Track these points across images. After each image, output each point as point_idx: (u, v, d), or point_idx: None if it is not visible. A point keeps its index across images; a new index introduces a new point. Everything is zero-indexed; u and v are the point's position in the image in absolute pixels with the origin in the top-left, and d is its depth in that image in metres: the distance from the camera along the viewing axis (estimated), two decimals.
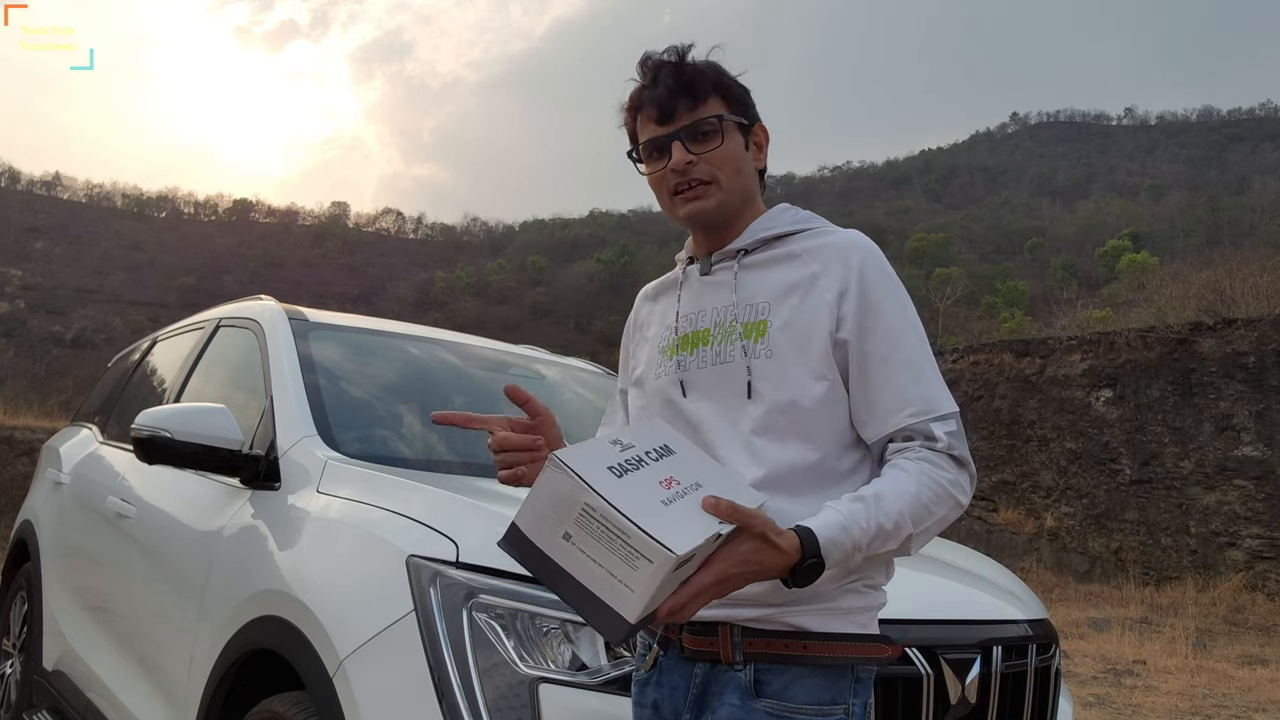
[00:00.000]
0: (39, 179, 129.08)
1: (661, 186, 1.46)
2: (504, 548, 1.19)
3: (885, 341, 1.36)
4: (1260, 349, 10.22)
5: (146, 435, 2.53)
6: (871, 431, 1.38)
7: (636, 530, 1.12)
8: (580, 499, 1.14)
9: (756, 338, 1.38)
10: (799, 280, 1.40)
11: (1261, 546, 9.90)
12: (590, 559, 1.14)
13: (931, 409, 1.35)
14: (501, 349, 3.76)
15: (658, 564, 1.12)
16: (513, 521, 1.18)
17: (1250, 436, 10.14)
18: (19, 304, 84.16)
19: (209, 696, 2.27)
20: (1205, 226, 73.64)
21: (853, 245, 1.41)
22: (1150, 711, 5.75)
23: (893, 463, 1.35)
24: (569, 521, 1.15)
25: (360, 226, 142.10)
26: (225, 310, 3.69)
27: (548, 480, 1.16)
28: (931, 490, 1.31)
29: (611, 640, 1.17)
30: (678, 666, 1.40)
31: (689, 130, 1.42)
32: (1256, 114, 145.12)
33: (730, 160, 1.44)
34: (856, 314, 1.36)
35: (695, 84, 1.42)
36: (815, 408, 1.36)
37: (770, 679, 1.32)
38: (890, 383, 1.35)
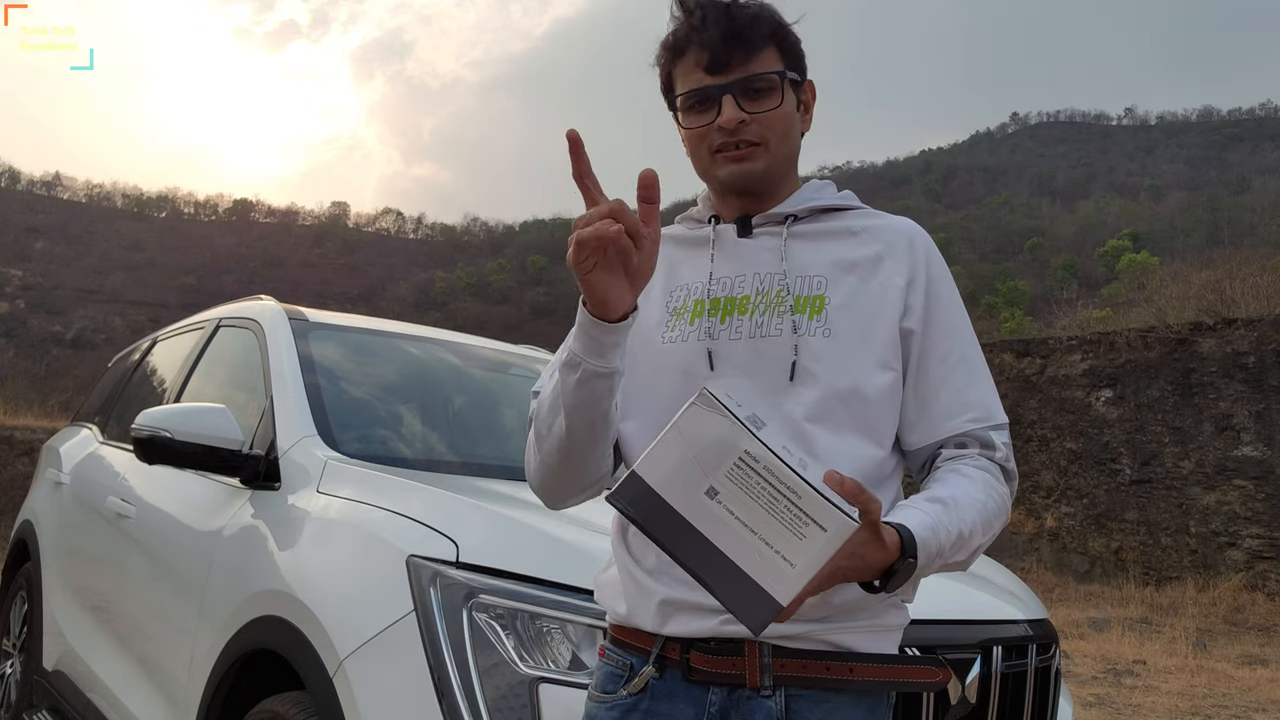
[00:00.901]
0: (39, 179, 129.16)
1: (701, 143, 1.29)
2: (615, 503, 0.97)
3: (947, 338, 1.27)
4: (1260, 349, 10.22)
5: (146, 435, 2.53)
6: (923, 433, 1.27)
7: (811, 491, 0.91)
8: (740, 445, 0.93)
9: (812, 314, 1.23)
10: (860, 259, 1.27)
11: (1261, 546, 9.90)
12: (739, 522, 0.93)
13: (991, 416, 1.27)
14: (501, 349, 3.76)
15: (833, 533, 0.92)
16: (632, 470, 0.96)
17: (1250, 436, 10.14)
18: (19, 304, 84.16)
19: (209, 696, 2.27)
20: (1205, 226, 73.62)
21: (918, 233, 1.32)
22: (1150, 711, 5.75)
23: (954, 469, 1.24)
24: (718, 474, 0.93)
25: (360, 226, 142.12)
26: (225, 310, 3.69)
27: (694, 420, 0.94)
28: (996, 502, 1.22)
29: (753, 628, 0.96)
30: (681, 692, 1.18)
31: (743, 85, 1.25)
32: (1256, 114, 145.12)
33: (783, 122, 1.28)
34: (924, 305, 1.26)
35: (753, 31, 1.26)
36: (879, 399, 1.23)
37: (804, 708, 1.15)
38: (949, 383, 1.26)
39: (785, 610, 0.95)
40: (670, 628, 1.19)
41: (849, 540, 0.96)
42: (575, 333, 1.16)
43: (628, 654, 1.24)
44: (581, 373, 1.15)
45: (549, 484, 1.30)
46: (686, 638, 1.18)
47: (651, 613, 1.20)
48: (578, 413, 1.19)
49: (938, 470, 1.26)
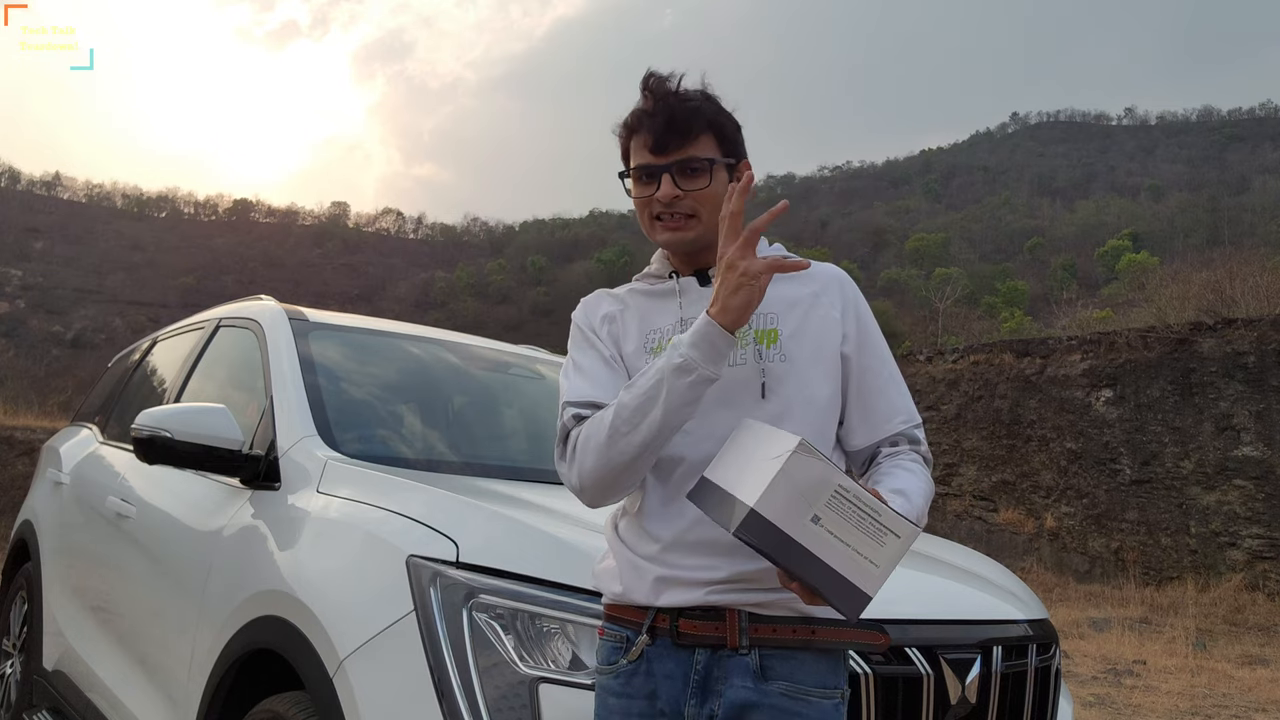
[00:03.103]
0: (39, 179, 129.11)
1: (645, 210, 1.55)
2: (741, 536, 1.24)
3: (875, 358, 1.58)
4: (1260, 349, 10.22)
5: (147, 435, 2.53)
6: (865, 436, 1.57)
7: (887, 509, 1.22)
8: (834, 481, 1.23)
9: (769, 343, 1.50)
10: (801, 297, 1.55)
11: (1261, 546, 9.90)
12: (836, 538, 1.22)
13: (915, 417, 1.60)
14: (501, 349, 3.76)
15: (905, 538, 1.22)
16: (751, 509, 1.23)
17: (1250, 436, 10.14)
18: (19, 304, 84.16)
19: (209, 696, 2.27)
20: (1205, 226, 73.59)
21: (843, 275, 1.62)
22: (1150, 711, 5.75)
23: (895, 463, 1.55)
24: (819, 504, 1.22)
25: (360, 226, 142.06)
26: (225, 310, 3.69)
27: (797, 465, 1.23)
28: (929, 487, 1.53)
29: (849, 614, 1.23)
30: (671, 655, 1.42)
31: (680, 165, 1.50)
32: (1256, 114, 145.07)
33: (714, 199, 1.52)
34: (856, 333, 1.56)
35: (691, 121, 1.50)
36: (827, 407, 1.52)
37: (775, 664, 1.40)
38: (884, 393, 1.57)
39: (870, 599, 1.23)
40: (663, 600, 1.43)
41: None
42: (696, 343, 1.38)
43: (623, 628, 1.48)
44: (696, 376, 1.39)
45: (609, 479, 1.48)
46: (676, 607, 1.42)
47: (646, 589, 1.45)
48: (679, 413, 1.41)
49: (880, 465, 1.56)
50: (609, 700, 1.46)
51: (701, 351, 1.39)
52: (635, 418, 1.42)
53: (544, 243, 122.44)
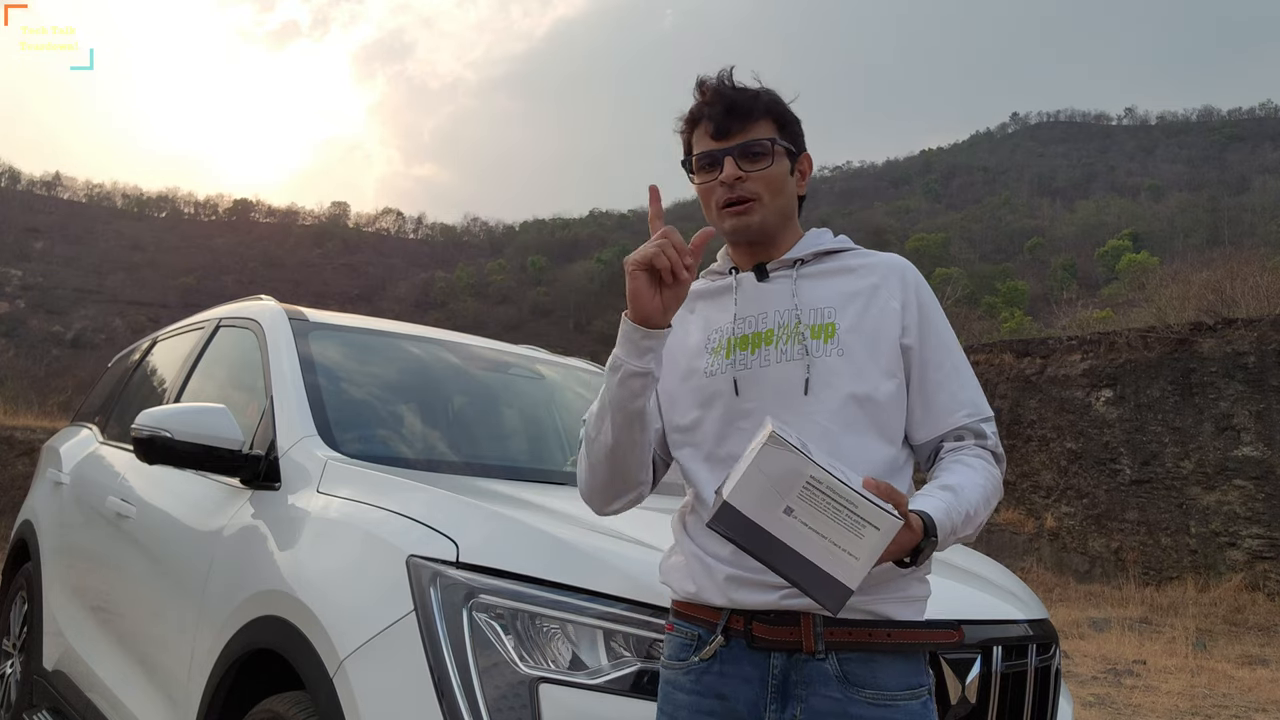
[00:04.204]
0: (39, 179, 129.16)
1: (710, 198, 1.55)
2: (714, 527, 1.23)
3: (939, 349, 1.54)
4: (1260, 349, 10.22)
5: (147, 435, 2.53)
6: (927, 430, 1.53)
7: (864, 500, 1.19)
8: (805, 473, 1.19)
9: (826, 338, 1.49)
10: (860, 289, 1.53)
11: (1261, 546, 9.90)
12: (812, 530, 1.19)
13: (981, 410, 1.54)
14: (501, 349, 3.75)
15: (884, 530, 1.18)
16: (724, 500, 1.22)
17: (1250, 436, 10.14)
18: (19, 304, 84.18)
19: (209, 696, 2.27)
20: (1205, 226, 73.61)
21: (906, 264, 1.59)
22: (1150, 711, 5.75)
23: (956, 458, 1.51)
24: (791, 495, 1.19)
25: (360, 226, 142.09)
26: (225, 310, 3.68)
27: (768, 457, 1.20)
28: (992, 484, 1.49)
29: (831, 608, 1.21)
30: (746, 657, 1.41)
31: (742, 148, 1.52)
32: (1256, 114, 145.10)
33: (775, 181, 1.54)
34: (918, 324, 1.53)
35: (752, 105, 1.53)
36: (888, 403, 1.49)
37: (856, 668, 1.39)
38: (945, 386, 1.53)
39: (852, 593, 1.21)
40: (737, 601, 1.42)
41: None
42: (619, 340, 1.45)
43: (694, 626, 1.47)
44: (622, 372, 1.43)
45: (596, 487, 1.56)
46: (750, 609, 1.41)
47: (718, 588, 1.44)
48: (619, 409, 1.45)
49: (942, 461, 1.52)
50: (676, 695, 1.46)
51: (623, 348, 1.44)
52: (597, 423, 1.50)
53: (544, 243, 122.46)
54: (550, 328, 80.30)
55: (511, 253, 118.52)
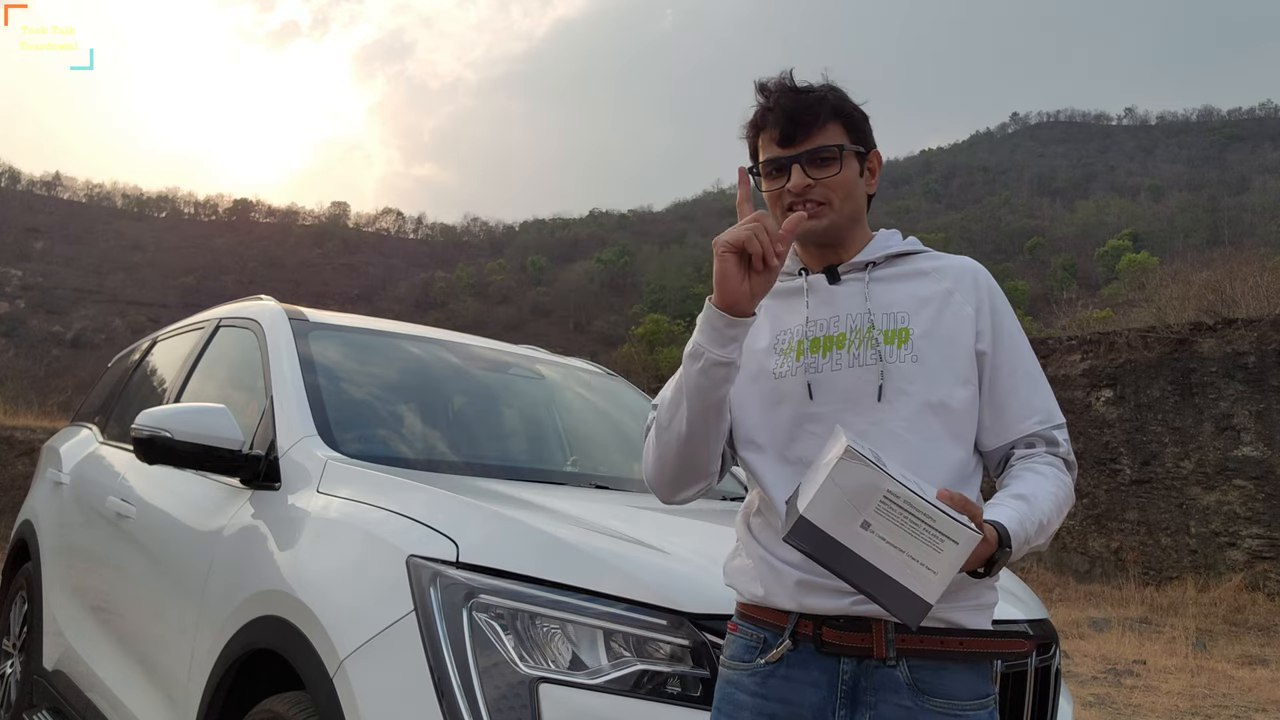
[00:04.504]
0: (39, 179, 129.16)
1: (777, 204, 1.53)
2: (791, 542, 1.23)
3: (1012, 355, 1.52)
4: (1260, 349, 10.22)
5: (147, 435, 2.53)
6: (999, 437, 1.51)
7: (941, 514, 1.18)
8: (882, 487, 1.19)
9: (900, 343, 1.47)
10: (933, 294, 1.51)
11: (1261, 546, 9.90)
12: (889, 544, 1.18)
13: (1053, 417, 1.53)
14: (501, 349, 3.75)
15: (963, 544, 1.18)
16: (800, 515, 1.21)
17: (1250, 436, 10.14)
18: (19, 304, 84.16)
19: (209, 696, 2.27)
20: (1205, 226, 73.62)
21: (979, 268, 1.57)
22: (1150, 711, 5.74)
23: (1027, 466, 1.49)
24: (868, 510, 1.19)
25: (360, 226, 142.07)
26: (225, 310, 3.68)
27: (843, 471, 1.20)
28: (1064, 491, 1.47)
29: (909, 621, 1.21)
30: (814, 662, 1.40)
31: (809, 155, 1.50)
32: (1256, 114, 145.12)
33: (844, 185, 1.51)
34: (991, 329, 1.51)
35: (817, 109, 1.50)
36: (963, 410, 1.47)
37: (926, 676, 1.38)
38: (1018, 392, 1.51)
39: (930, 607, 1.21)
40: (806, 605, 1.41)
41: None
42: (700, 327, 1.41)
43: (760, 629, 1.46)
44: (704, 361, 1.40)
45: (666, 475, 1.53)
46: (819, 614, 1.40)
47: (787, 592, 1.42)
48: (697, 398, 1.42)
49: (1013, 468, 1.51)
50: (739, 696, 1.44)
51: (705, 335, 1.40)
52: (670, 410, 1.46)
53: (544, 243, 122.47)
54: (550, 328, 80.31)
55: (511, 253, 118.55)
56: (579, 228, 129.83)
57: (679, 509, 2.81)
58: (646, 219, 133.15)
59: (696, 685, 1.70)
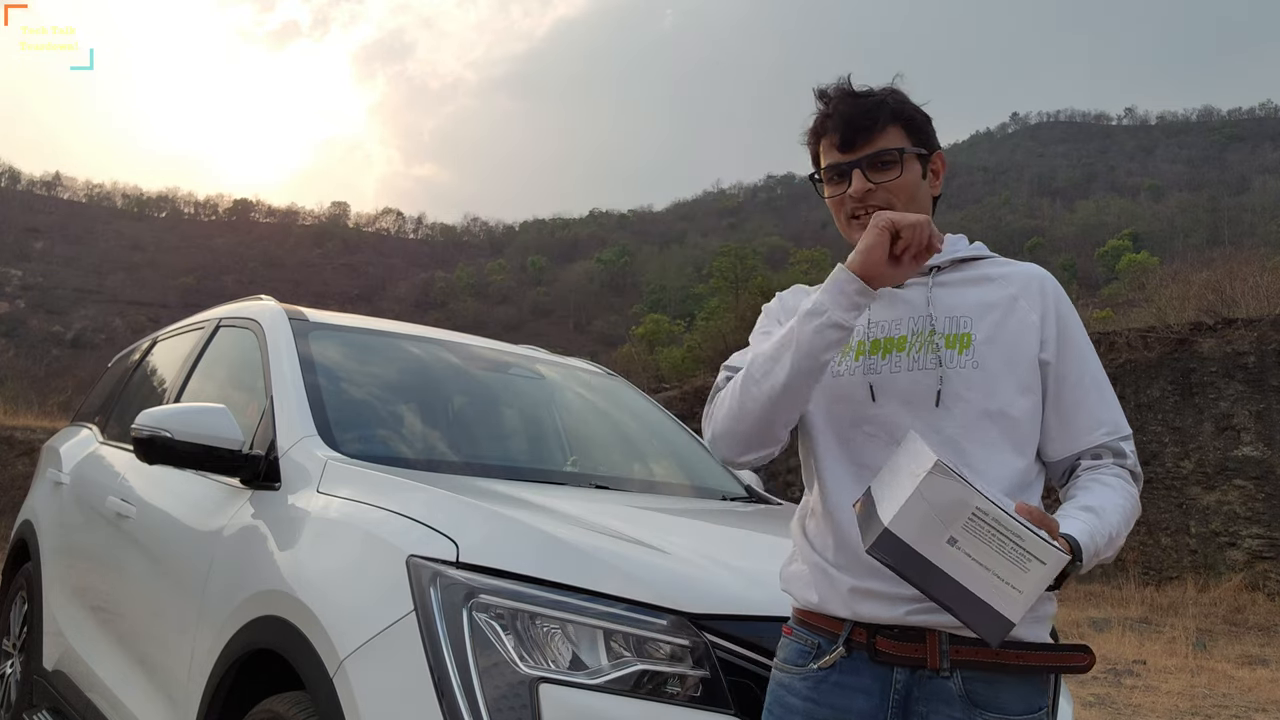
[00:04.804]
0: (39, 179, 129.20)
1: (840, 210, 1.53)
2: (874, 554, 1.22)
3: (1078, 365, 1.50)
4: (1260, 349, 10.22)
5: (147, 435, 2.53)
6: (1064, 447, 1.49)
7: (1030, 533, 1.16)
8: (971, 504, 1.17)
9: (961, 349, 1.45)
10: (998, 300, 1.49)
11: (1261, 546, 9.90)
12: (975, 561, 1.17)
13: (1120, 429, 1.51)
14: (501, 349, 3.75)
15: (1050, 565, 1.16)
16: (885, 528, 1.20)
17: (1250, 436, 10.14)
18: (19, 304, 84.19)
19: (209, 696, 2.26)
20: (1205, 226, 73.65)
21: (1046, 276, 1.54)
22: (1150, 711, 5.75)
23: (1094, 478, 1.47)
24: (956, 526, 1.18)
25: (360, 226, 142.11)
26: (225, 310, 3.68)
27: (932, 485, 1.18)
28: (1132, 504, 1.46)
29: (990, 640, 1.20)
30: (867, 670, 1.39)
31: (870, 160, 1.49)
32: (1256, 114, 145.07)
33: (907, 189, 1.51)
34: (1056, 338, 1.49)
35: (877, 114, 1.50)
36: (1023, 419, 1.45)
37: (980, 688, 1.36)
38: (1085, 403, 1.49)
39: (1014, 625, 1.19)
40: (860, 612, 1.40)
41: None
42: (826, 288, 1.40)
43: (815, 634, 1.46)
44: (824, 319, 1.38)
45: (740, 431, 1.48)
46: (873, 623, 1.39)
47: (841, 599, 1.42)
48: (805, 356, 1.40)
49: (1079, 479, 1.49)
50: (790, 700, 1.45)
51: (830, 295, 1.39)
52: (767, 364, 1.43)
53: (544, 243, 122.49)
54: (550, 328, 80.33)
55: (511, 253, 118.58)
56: (579, 228, 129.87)
57: (679, 509, 2.81)
58: (646, 219, 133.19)
59: (696, 685, 1.69)
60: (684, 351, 27.00)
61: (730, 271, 35.50)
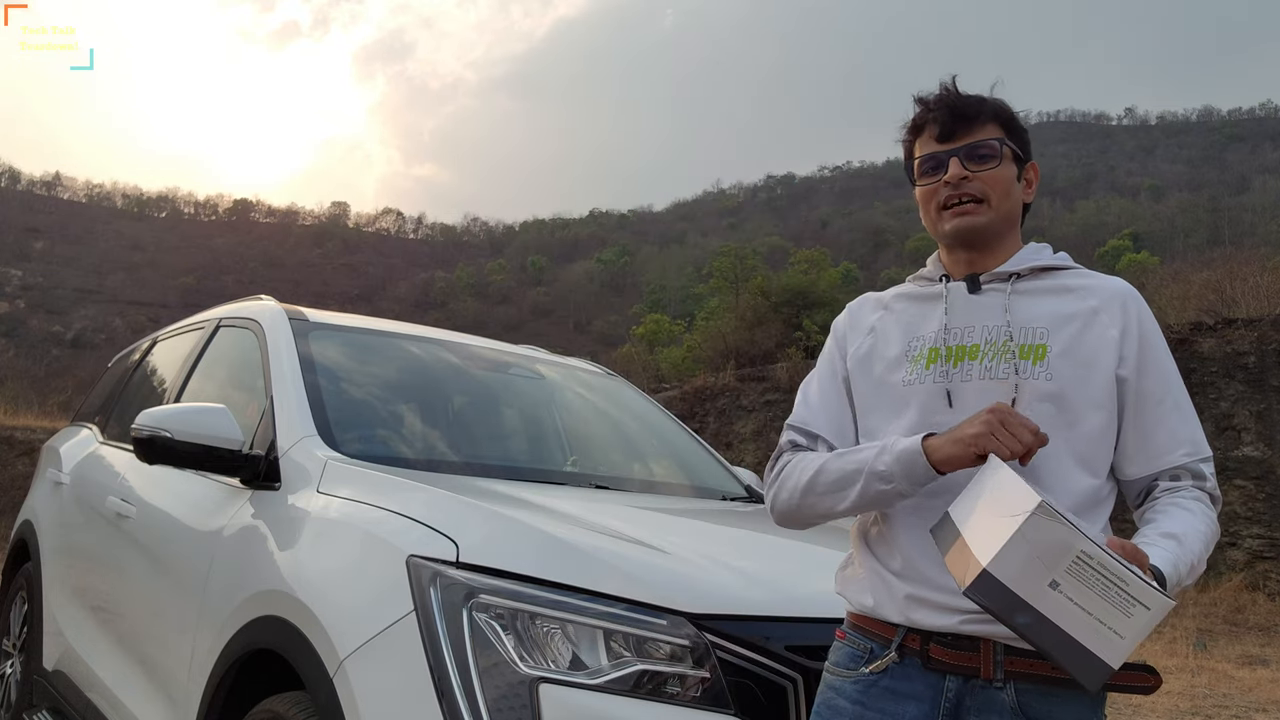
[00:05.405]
0: (39, 179, 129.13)
1: (931, 200, 1.53)
2: (972, 596, 1.19)
3: (1160, 383, 1.47)
4: (1260, 349, 10.23)
5: (147, 435, 2.53)
6: (1142, 467, 1.47)
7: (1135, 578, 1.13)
8: (1076, 547, 1.14)
9: (1035, 360, 1.43)
10: (1077, 312, 1.46)
11: (1261, 546, 9.90)
12: (1077, 605, 1.14)
13: (1201, 450, 1.48)
14: (501, 349, 3.75)
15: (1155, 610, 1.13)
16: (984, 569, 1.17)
17: (1250, 436, 10.14)
18: (19, 304, 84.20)
19: (209, 696, 2.27)
20: (1205, 226, 73.64)
21: (1130, 291, 1.51)
22: (1150, 711, 5.75)
23: (1174, 501, 1.44)
24: (1059, 570, 1.14)
25: (360, 226, 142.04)
26: (225, 310, 3.68)
27: (1035, 526, 1.15)
28: (1212, 529, 1.42)
29: (1090, 685, 1.16)
30: (919, 676, 1.39)
31: (968, 149, 1.50)
32: (1256, 114, 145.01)
33: (1002, 184, 1.50)
34: (1137, 354, 1.46)
35: (979, 109, 1.51)
36: (1094, 435, 1.43)
37: (1033, 701, 1.35)
38: (1165, 422, 1.46)
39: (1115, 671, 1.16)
40: (915, 620, 1.40)
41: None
42: (902, 458, 1.39)
43: (868, 639, 1.46)
44: (891, 488, 1.41)
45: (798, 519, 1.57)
46: (927, 630, 1.39)
47: (897, 606, 1.42)
48: (866, 504, 1.46)
49: (1157, 501, 1.46)
50: (840, 703, 1.45)
51: (903, 468, 1.39)
52: (833, 488, 1.47)
53: (544, 243, 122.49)
54: (550, 328, 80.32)
55: (511, 253, 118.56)
56: (579, 228, 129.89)
57: (679, 509, 2.82)
58: (646, 219, 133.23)
59: (697, 685, 1.69)
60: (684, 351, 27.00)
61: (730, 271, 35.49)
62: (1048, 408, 1.40)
